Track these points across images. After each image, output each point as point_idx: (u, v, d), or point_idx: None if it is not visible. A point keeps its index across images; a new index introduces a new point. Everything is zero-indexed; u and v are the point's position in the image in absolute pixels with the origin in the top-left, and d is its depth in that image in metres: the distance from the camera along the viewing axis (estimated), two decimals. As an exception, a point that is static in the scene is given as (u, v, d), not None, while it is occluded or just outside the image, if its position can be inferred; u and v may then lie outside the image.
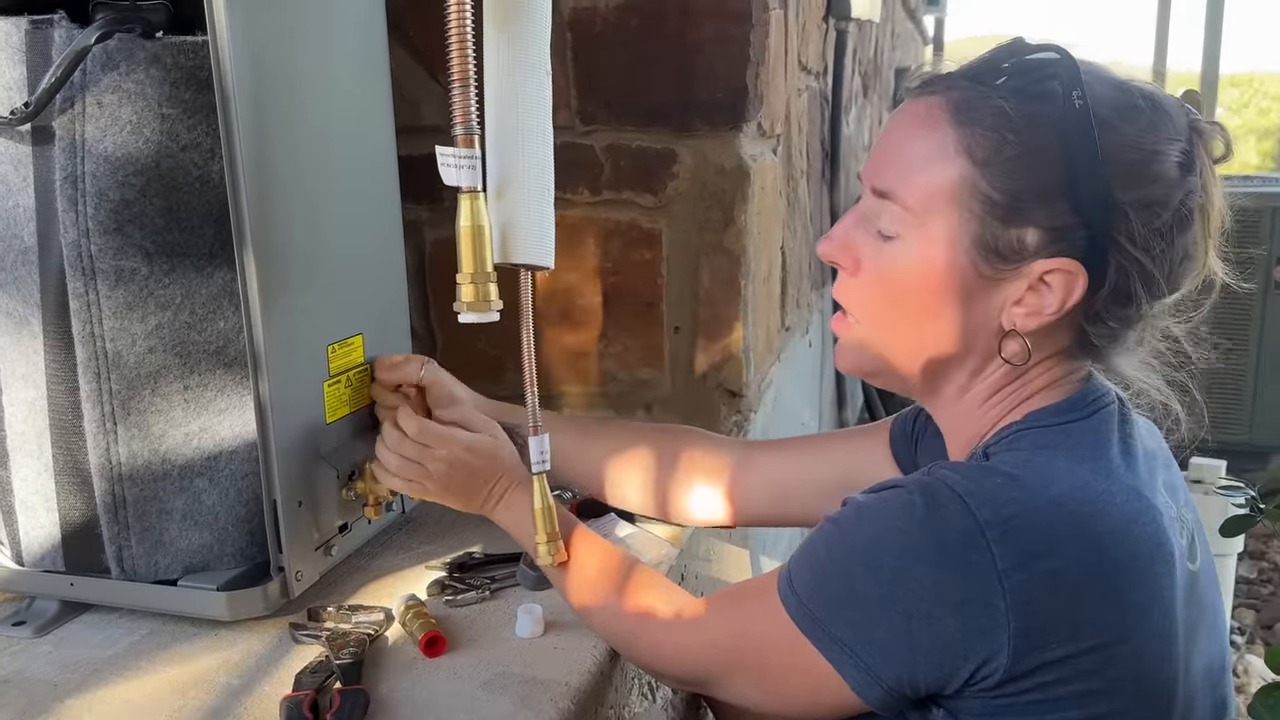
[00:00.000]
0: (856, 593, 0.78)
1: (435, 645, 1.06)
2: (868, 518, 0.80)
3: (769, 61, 1.73)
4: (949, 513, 0.75)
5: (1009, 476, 0.77)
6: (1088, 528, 0.76)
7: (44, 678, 1.04)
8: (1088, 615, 0.74)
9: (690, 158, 1.71)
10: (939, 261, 0.80)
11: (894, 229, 0.82)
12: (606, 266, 1.78)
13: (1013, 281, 0.79)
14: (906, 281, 0.82)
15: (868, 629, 0.77)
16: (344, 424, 1.21)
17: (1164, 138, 0.77)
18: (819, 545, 0.83)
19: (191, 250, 1.07)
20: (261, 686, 1.02)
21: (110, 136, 1.03)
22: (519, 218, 1.09)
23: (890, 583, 0.76)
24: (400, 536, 1.37)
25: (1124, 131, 0.76)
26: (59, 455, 1.10)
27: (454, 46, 1.00)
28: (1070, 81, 0.75)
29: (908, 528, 0.77)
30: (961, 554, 0.74)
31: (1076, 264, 0.77)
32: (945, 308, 0.82)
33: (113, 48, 1.01)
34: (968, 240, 0.79)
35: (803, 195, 2.36)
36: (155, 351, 1.07)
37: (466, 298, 1.05)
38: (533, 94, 1.08)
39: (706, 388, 1.78)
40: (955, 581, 0.74)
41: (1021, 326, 0.81)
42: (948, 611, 0.74)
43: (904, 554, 0.76)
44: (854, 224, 0.86)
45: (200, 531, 1.13)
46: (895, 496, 0.79)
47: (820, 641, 0.79)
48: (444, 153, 1.03)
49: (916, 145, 0.80)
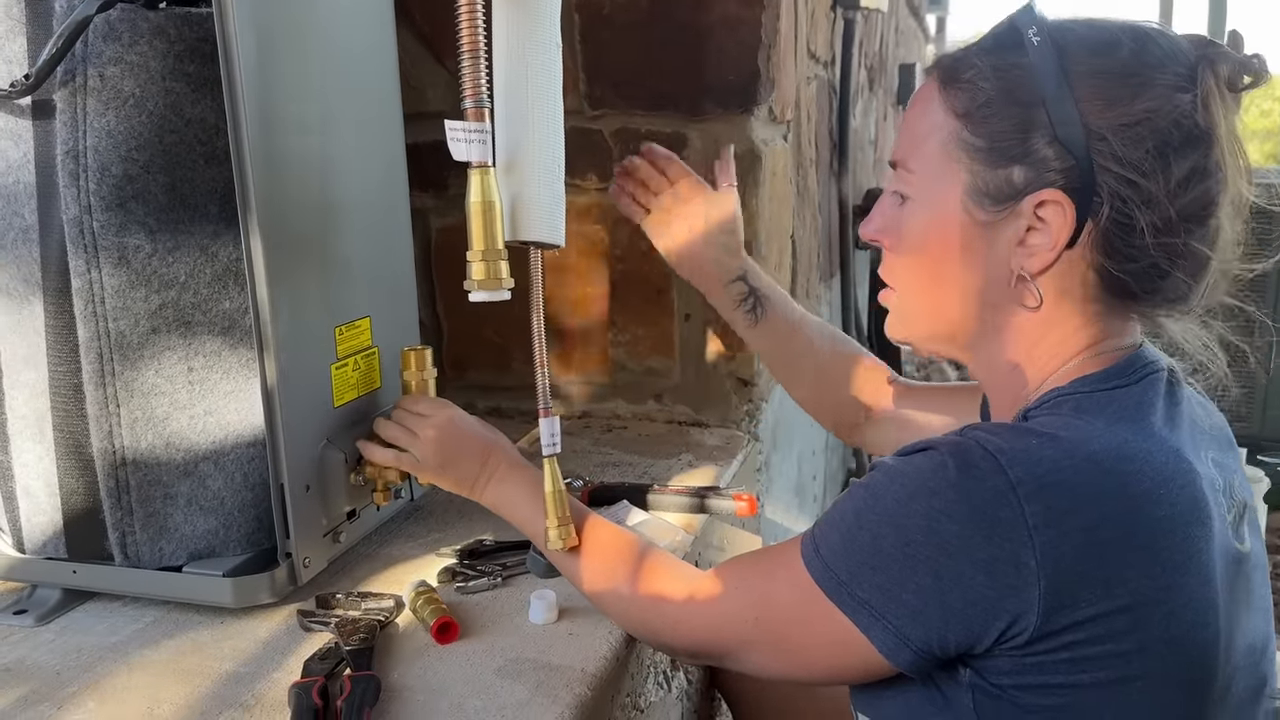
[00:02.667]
0: (884, 553, 0.76)
1: (447, 631, 1.04)
2: (898, 480, 0.78)
3: (780, 45, 1.71)
4: (980, 471, 0.73)
5: (1046, 436, 0.76)
6: (1124, 485, 0.74)
7: (46, 666, 1.02)
8: (1120, 574, 0.72)
9: (700, 141, 1.68)
10: (941, 212, 0.85)
11: (908, 191, 0.88)
12: (615, 253, 1.75)
13: (1011, 222, 0.82)
14: (920, 238, 0.88)
15: (895, 590, 0.76)
16: (352, 407, 1.19)
17: (1147, 64, 0.79)
18: (846, 508, 0.81)
19: (196, 228, 1.05)
20: (269, 674, 0.99)
21: (112, 110, 1.00)
22: (529, 194, 1.06)
23: (919, 542, 0.74)
24: (409, 524, 1.34)
25: (1095, 62, 0.79)
26: (61, 439, 1.08)
27: (464, 17, 0.98)
28: (1028, 24, 0.80)
29: (938, 487, 0.75)
30: (991, 511, 0.72)
31: (1060, 193, 0.79)
32: (955, 257, 0.86)
33: (115, 19, 0.99)
34: (961, 189, 0.83)
35: (812, 185, 2.34)
36: (159, 332, 1.05)
37: (477, 275, 1.02)
38: (543, 69, 1.05)
39: (718, 376, 1.75)
40: (985, 539, 0.72)
41: (1028, 268, 0.82)
42: (977, 569, 0.73)
43: (933, 513, 0.74)
44: (886, 203, 0.92)
45: (205, 517, 1.10)
46: (926, 458, 0.77)
47: (846, 605, 0.78)
48: (453, 127, 1.00)
49: (917, 115, 0.87)
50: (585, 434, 1.74)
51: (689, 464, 1.57)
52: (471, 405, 1.88)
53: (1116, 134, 0.78)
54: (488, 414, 1.87)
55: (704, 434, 1.73)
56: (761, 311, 1.27)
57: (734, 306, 1.28)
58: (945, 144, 0.84)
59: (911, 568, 0.75)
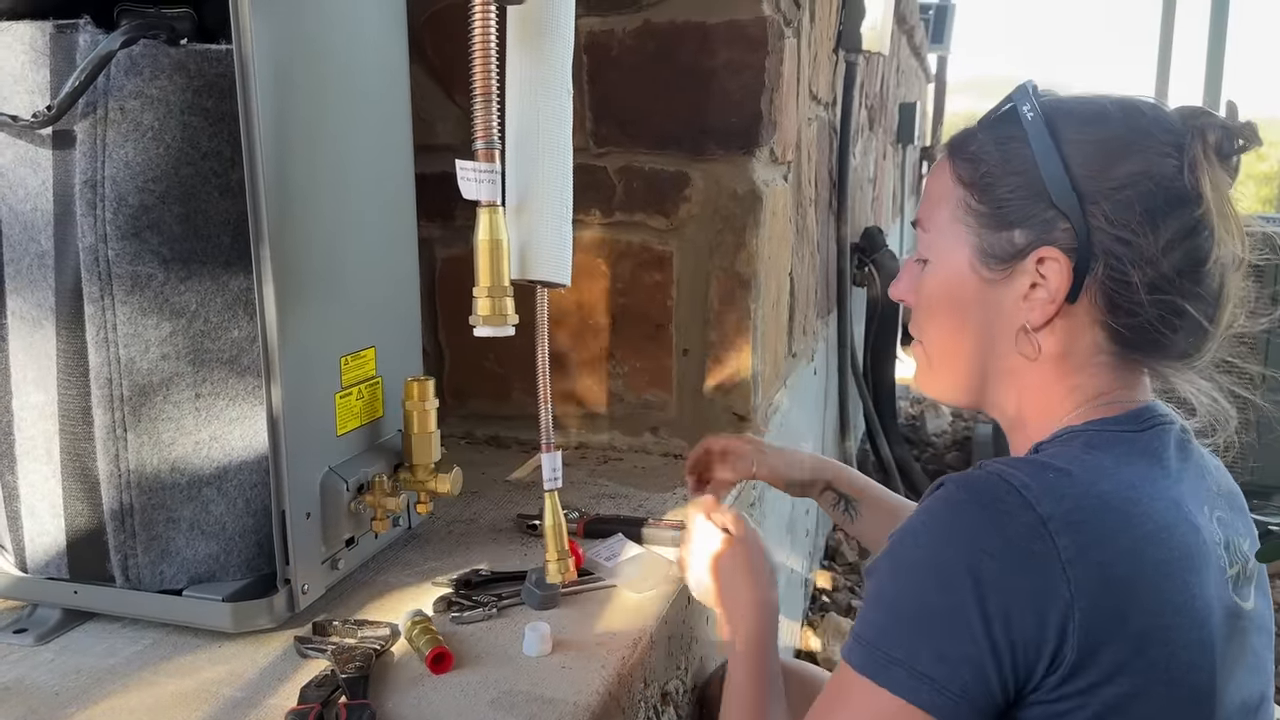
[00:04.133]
0: (930, 608, 0.75)
1: (442, 661, 1.05)
2: (923, 533, 0.79)
3: (782, 88, 1.75)
4: (1008, 506, 0.75)
5: (1061, 471, 0.78)
6: (1129, 525, 0.76)
7: (45, 685, 1.03)
8: (1130, 610, 0.74)
9: (703, 181, 1.71)
10: (953, 272, 0.92)
11: (925, 253, 0.95)
12: (617, 288, 1.78)
13: (1015, 279, 0.88)
14: (937, 296, 0.94)
15: (947, 650, 0.74)
16: (354, 436, 1.21)
17: (1134, 132, 0.85)
18: (881, 583, 0.80)
19: (208, 258, 1.07)
20: (265, 700, 1.01)
21: (131, 142, 1.03)
22: (538, 234, 1.09)
23: (962, 587, 0.74)
24: (406, 552, 1.36)
25: (1085, 132, 0.86)
26: (67, 460, 1.10)
27: (478, 61, 1.00)
28: (1024, 100, 0.88)
29: (968, 526, 0.76)
30: (1025, 544, 0.74)
31: (1057, 250, 0.85)
32: (968, 313, 0.91)
33: (137, 53, 1.02)
34: (969, 250, 0.90)
35: (811, 224, 2.37)
36: (168, 358, 1.07)
37: (483, 311, 1.04)
38: (553, 112, 1.08)
39: (714, 411, 1.77)
40: (1024, 574, 0.73)
41: (1031, 321, 0.87)
42: (1022, 606, 0.73)
43: (971, 554, 0.74)
44: (911, 265, 0.99)
45: (207, 541, 1.12)
46: (946, 504, 0.78)
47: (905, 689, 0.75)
48: (464, 166, 1.03)
49: (933, 185, 0.96)
50: (581, 465, 1.76)
51: (684, 498, 1.59)
52: (471, 434, 1.91)
53: (1107, 197, 0.83)
54: (486, 443, 1.89)
55: (699, 468, 1.74)
56: (855, 511, 1.34)
57: (831, 509, 1.36)
58: (954, 210, 0.91)
59: (959, 619, 0.74)
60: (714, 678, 1.40)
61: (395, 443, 1.27)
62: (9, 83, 1.05)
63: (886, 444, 3.25)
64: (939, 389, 0.99)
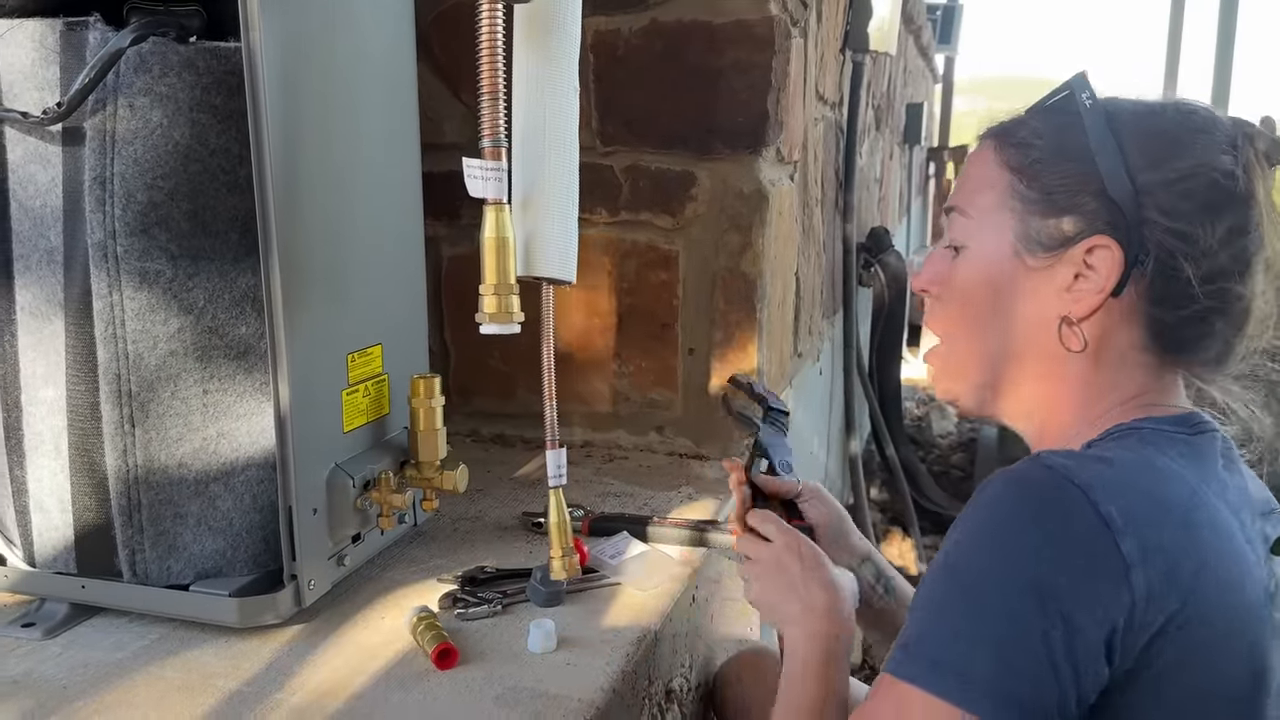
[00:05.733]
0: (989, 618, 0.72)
1: (447, 657, 1.06)
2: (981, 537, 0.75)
3: (789, 88, 1.75)
4: (1070, 507, 0.72)
5: (1121, 469, 0.76)
6: (1190, 530, 0.75)
7: (53, 679, 1.04)
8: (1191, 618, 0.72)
9: (709, 180, 1.72)
10: (994, 258, 0.89)
11: (961, 238, 0.92)
12: (623, 287, 1.78)
13: (1059, 268, 0.86)
14: (972, 283, 0.91)
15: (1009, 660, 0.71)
16: (361, 433, 1.21)
17: (1190, 129, 0.84)
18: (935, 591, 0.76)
19: (216, 254, 1.08)
20: (271, 694, 1.01)
21: (140, 139, 1.03)
22: (544, 231, 1.09)
23: (1022, 595, 0.71)
24: (412, 549, 1.36)
25: (1142, 124, 0.85)
26: (76, 456, 1.10)
27: (484, 59, 1.01)
28: (1081, 88, 0.87)
29: (1028, 530, 0.73)
30: (1088, 548, 0.71)
31: (1109, 239, 0.84)
32: (1006, 302, 0.89)
33: (146, 51, 1.02)
34: (1014, 236, 0.88)
35: (817, 224, 2.37)
36: (176, 354, 1.07)
37: (489, 309, 1.04)
38: (560, 109, 1.08)
39: (719, 410, 1.77)
40: (1087, 580, 0.71)
41: (1075, 312, 0.85)
42: (1085, 614, 0.70)
43: (1031, 560, 0.72)
44: (937, 256, 0.95)
45: (214, 537, 1.12)
46: (1004, 504, 0.75)
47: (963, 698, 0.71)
48: (470, 164, 1.03)
49: (974, 170, 0.93)
50: (587, 463, 1.77)
51: (689, 496, 1.59)
52: (476, 431, 1.91)
53: (1163, 189, 0.82)
54: (492, 441, 1.90)
55: (704, 467, 1.75)
56: (891, 594, 1.21)
57: (869, 584, 1.20)
58: (1001, 195, 0.89)
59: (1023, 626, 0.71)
60: (726, 676, 1.40)
61: (401, 440, 1.28)
62: (19, 80, 1.06)
63: (892, 445, 3.25)
64: (963, 387, 0.94)
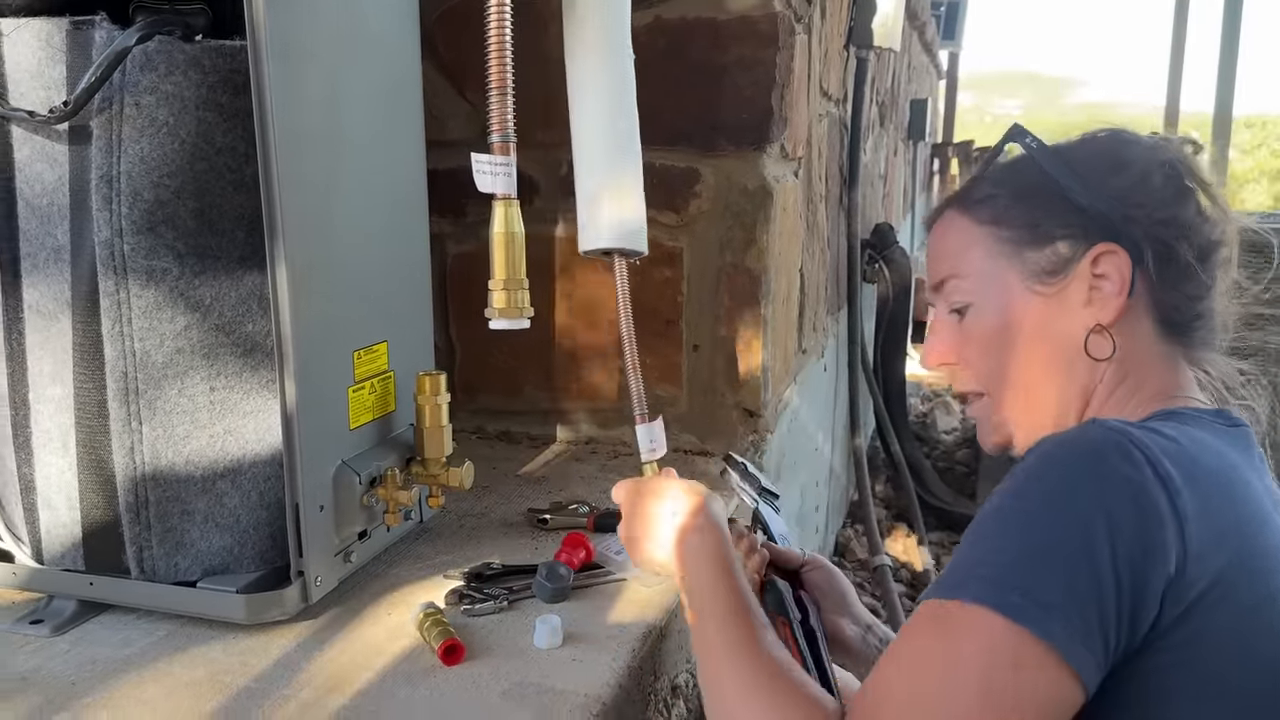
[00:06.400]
0: (1059, 542, 0.71)
1: (454, 653, 1.06)
2: (1050, 472, 0.75)
3: (793, 84, 1.75)
4: (1134, 459, 0.73)
5: (1173, 439, 0.77)
6: (1236, 505, 0.76)
7: (61, 675, 1.04)
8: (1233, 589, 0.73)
9: (713, 177, 1.72)
10: (1007, 301, 0.92)
11: (963, 299, 0.95)
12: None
13: (1072, 286, 0.90)
14: (994, 332, 0.93)
15: (1076, 585, 0.70)
16: (366, 430, 1.22)
17: (1122, 142, 0.92)
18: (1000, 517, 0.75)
19: (223, 253, 1.08)
20: (279, 690, 1.01)
21: (147, 137, 1.04)
22: (626, 203, 1.09)
23: (1094, 526, 0.71)
24: (418, 546, 1.37)
25: (1084, 148, 0.93)
26: (83, 453, 1.11)
27: (493, 54, 1.01)
28: (1023, 135, 0.94)
29: (1097, 472, 0.73)
30: (1151, 497, 0.72)
31: (1108, 244, 0.88)
32: (1034, 337, 0.92)
33: (152, 50, 1.03)
34: (1018, 276, 0.92)
35: (821, 220, 2.37)
36: (183, 352, 1.08)
37: (499, 304, 1.04)
38: (626, 76, 1.08)
39: (724, 407, 1.78)
40: (1150, 525, 0.71)
41: (1102, 319, 0.89)
42: (1145, 555, 0.70)
43: (1102, 496, 0.72)
44: (938, 329, 0.98)
45: (221, 534, 1.13)
46: (1070, 449, 0.75)
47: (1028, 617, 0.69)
48: (479, 160, 1.03)
49: (946, 239, 0.97)
50: (592, 460, 1.77)
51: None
52: (482, 429, 1.91)
53: (1130, 189, 0.89)
54: (497, 438, 1.90)
55: (709, 463, 1.75)
56: None
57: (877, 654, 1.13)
58: (987, 248, 0.93)
59: (1087, 559, 0.70)
60: None
61: (407, 436, 1.28)
62: (25, 79, 1.06)
63: (896, 441, 3.25)
64: (1016, 433, 0.94)
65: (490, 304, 1.04)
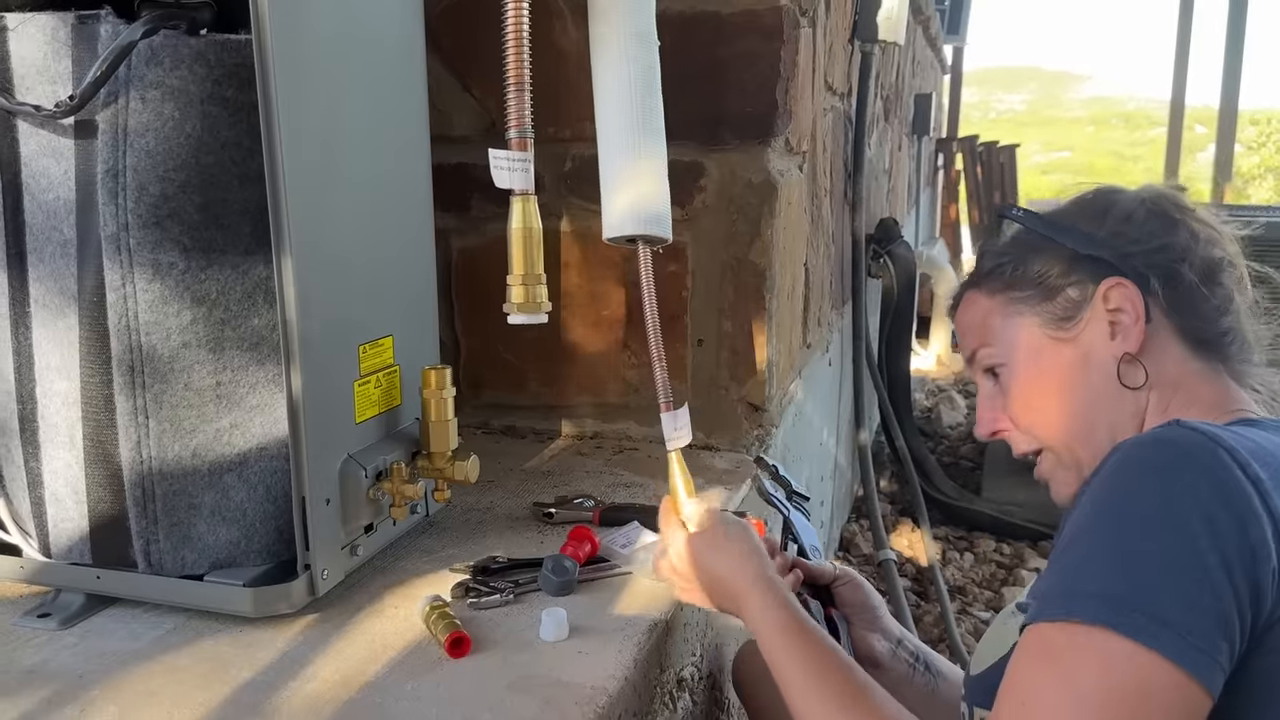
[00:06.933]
0: (1168, 556, 0.71)
1: (460, 646, 1.06)
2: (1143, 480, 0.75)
3: (798, 78, 1.74)
4: (1225, 462, 0.73)
5: (1254, 442, 0.77)
6: None
7: (69, 669, 1.04)
8: None
9: (718, 171, 1.71)
10: (1034, 351, 0.99)
11: (995, 361, 1.02)
12: (631, 278, 1.78)
13: (1091, 326, 0.96)
14: (1030, 384, 0.99)
15: (1194, 599, 0.69)
16: (372, 424, 1.22)
17: (1106, 193, 1.01)
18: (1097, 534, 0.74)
19: (228, 246, 1.08)
20: (286, 683, 1.02)
21: (152, 131, 1.04)
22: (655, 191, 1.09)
23: (1199, 535, 0.70)
24: (424, 539, 1.37)
25: (1068, 206, 1.02)
26: (90, 448, 1.11)
27: (511, 50, 1.00)
28: (1009, 209, 1.03)
29: (1192, 476, 0.73)
30: (1246, 499, 0.72)
31: (1114, 278, 0.94)
32: (1069, 380, 0.97)
33: (158, 44, 1.03)
34: (1038, 329, 0.98)
35: (826, 214, 2.37)
36: (189, 346, 1.08)
37: (517, 299, 1.04)
38: (651, 66, 1.09)
39: (729, 401, 1.78)
40: (1249, 526, 0.71)
41: (1129, 347, 0.94)
42: (1250, 558, 0.70)
43: (1201, 502, 0.72)
44: (984, 397, 1.04)
45: (228, 527, 1.13)
46: (1161, 451, 0.75)
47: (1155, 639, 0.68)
48: (497, 156, 1.03)
49: (969, 316, 1.06)
50: (597, 454, 1.77)
51: (699, 487, 1.59)
52: (487, 423, 1.92)
53: (1121, 228, 0.96)
54: (502, 432, 1.90)
55: (714, 458, 1.75)
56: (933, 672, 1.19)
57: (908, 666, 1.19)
58: (1005, 312, 1.00)
59: (1198, 566, 0.70)
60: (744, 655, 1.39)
61: (413, 430, 1.28)
62: (31, 73, 1.06)
63: (901, 436, 3.24)
64: (1083, 475, 0.93)
65: (508, 299, 1.04)
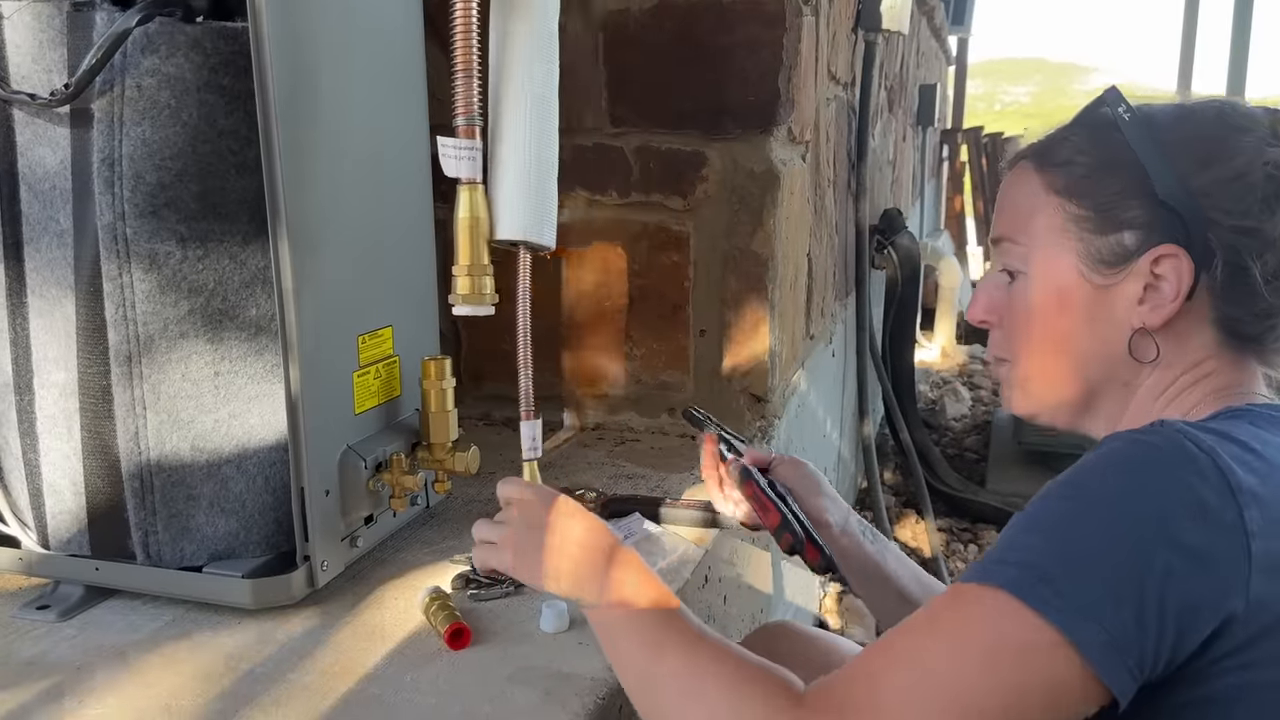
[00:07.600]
0: (1111, 546, 0.69)
1: (460, 637, 1.06)
2: (1113, 471, 0.73)
3: (800, 66, 1.73)
4: (1201, 467, 0.71)
5: (1243, 444, 0.74)
6: None
7: (68, 661, 1.04)
8: None
9: (720, 161, 1.70)
10: (1059, 282, 0.88)
11: (1017, 265, 0.91)
12: (634, 269, 1.77)
13: (1127, 283, 0.85)
14: (1038, 308, 0.90)
15: (1120, 593, 0.68)
16: (372, 415, 1.21)
17: (1231, 127, 0.84)
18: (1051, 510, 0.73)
19: (225, 236, 1.07)
20: (285, 675, 1.01)
21: (148, 120, 1.03)
22: (539, 197, 1.08)
23: (1151, 534, 0.69)
24: (424, 531, 1.36)
25: (1184, 129, 0.85)
26: (88, 439, 1.10)
27: (459, 36, 1.00)
28: (1117, 102, 0.87)
29: (1162, 477, 0.71)
30: (1218, 509, 0.69)
31: (1174, 247, 0.82)
32: (1077, 324, 0.88)
33: (153, 31, 1.02)
34: (1075, 258, 0.87)
35: (829, 205, 2.36)
36: (187, 336, 1.07)
37: (463, 290, 1.04)
38: (533, 57, 1.07)
39: (731, 392, 1.77)
40: (1215, 536, 0.69)
41: (1150, 323, 0.85)
42: (1205, 569, 0.68)
43: (1164, 503, 0.70)
44: (989, 283, 0.95)
45: (227, 519, 1.12)
46: (1137, 447, 0.73)
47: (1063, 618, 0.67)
48: (445, 144, 1.02)
49: (1015, 195, 0.92)
50: (599, 446, 1.76)
51: (700, 478, 1.58)
52: (488, 415, 1.91)
53: (1219, 188, 0.82)
54: (503, 424, 1.89)
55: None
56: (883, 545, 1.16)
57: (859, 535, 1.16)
58: (1051, 219, 0.88)
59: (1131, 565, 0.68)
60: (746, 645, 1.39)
61: (413, 421, 1.28)
62: (26, 61, 1.06)
63: (905, 428, 3.23)
64: (1042, 407, 0.93)
65: (454, 290, 1.03)
